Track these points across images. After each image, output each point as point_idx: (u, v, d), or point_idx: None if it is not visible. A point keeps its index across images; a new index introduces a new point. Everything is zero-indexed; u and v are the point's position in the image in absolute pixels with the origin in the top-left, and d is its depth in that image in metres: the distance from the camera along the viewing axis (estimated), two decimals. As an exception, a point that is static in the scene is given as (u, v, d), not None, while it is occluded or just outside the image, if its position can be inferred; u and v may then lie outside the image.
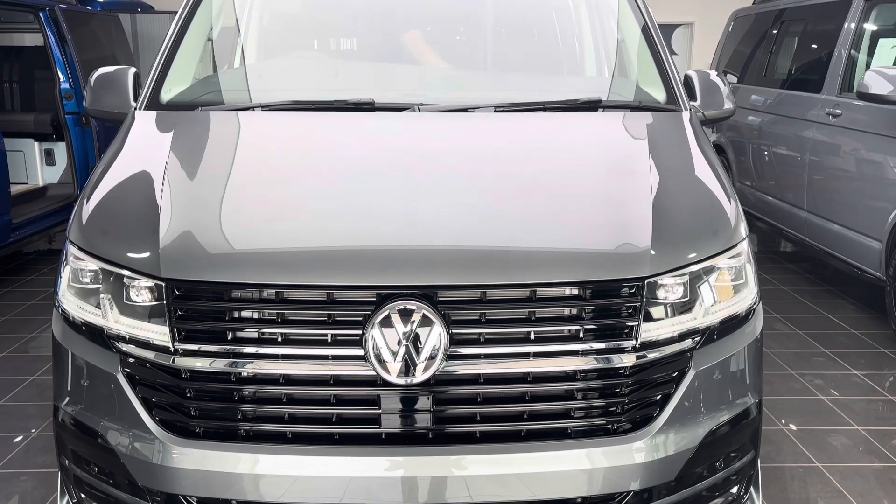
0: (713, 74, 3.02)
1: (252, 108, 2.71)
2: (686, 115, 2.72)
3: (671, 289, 1.98)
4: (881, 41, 5.04)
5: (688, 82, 2.98)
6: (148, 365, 1.95)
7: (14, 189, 5.76)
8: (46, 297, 5.37)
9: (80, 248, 2.08)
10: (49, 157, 6.65)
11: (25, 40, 7.36)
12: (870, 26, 5.17)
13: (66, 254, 2.14)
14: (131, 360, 1.97)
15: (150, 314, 1.94)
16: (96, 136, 6.41)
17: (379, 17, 3.33)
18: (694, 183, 2.36)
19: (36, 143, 6.54)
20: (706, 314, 2.03)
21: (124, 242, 2.05)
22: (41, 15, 6.06)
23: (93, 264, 2.03)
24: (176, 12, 3.00)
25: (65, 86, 6.19)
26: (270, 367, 1.90)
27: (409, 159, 2.37)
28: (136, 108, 2.72)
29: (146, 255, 1.96)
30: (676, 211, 2.16)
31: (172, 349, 1.92)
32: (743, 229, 2.20)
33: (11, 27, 7.22)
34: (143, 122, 2.63)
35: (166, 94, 2.75)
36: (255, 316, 1.91)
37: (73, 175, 6.29)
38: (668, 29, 13.86)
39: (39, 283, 5.72)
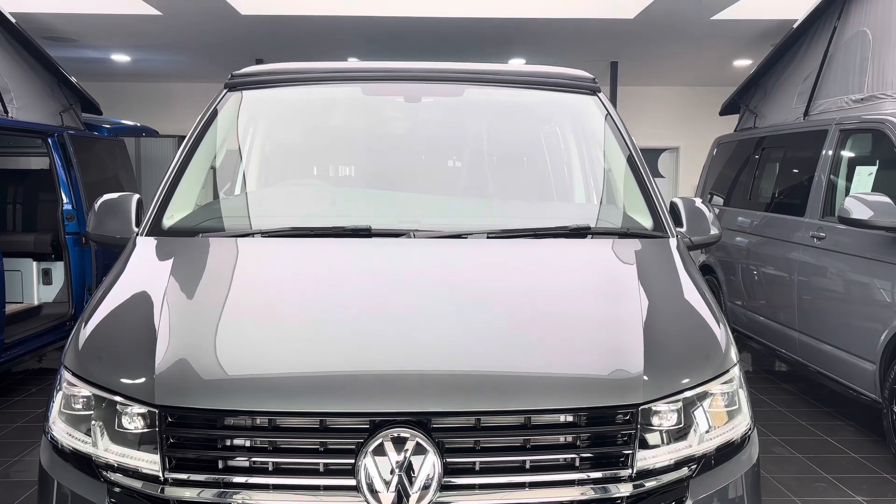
0: (698, 202, 3.12)
1: (252, 234, 2.77)
2: (673, 242, 2.79)
3: (665, 415, 1.98)
4: (858, 168, 5.24)
5: (674, 209, 3.07)
6: (136, 495, 1.91)
7: (8, 308, 5.77)
8: (33, 419, 5.27)
9: (73, 374, 2.08)
10: (46, 277, 6.70)
11: (31, 164, 7.58)
12: (846, 153, 5.39)
13: (59, 379, 2.13)
14: (118, 489, 1.93)
15: (141, 441, 1.92)
16: (95, 256, 6.49)
17: (376, 146, 3.47)
18: (683, 308, 2.40)
19: (34, 263, 6.61)
20: (701, 441, 2.02)
21: (119, 368, 2.05)
22: (49, 140, 6.27)
23: (86, 390, 2.02)
24: (178, 136, 3.13)
25: (67, 207, 6.33)
26: (260, 498, 1.86)
27: (404, 285, 2.42)
28: (137, 234, 2.78)
29: (141, 381, 1.96)
30: (667, 337, 2.19)
31: (162, 478, 1.88)
32: (734, 354, 2.22)
33: (19, 151, 7.45)
34: (144, 249, 2.68)
35: (168, 221, 2.82)
36: (247, 444, 1.89)
37: (69, 294, 6.32)
38: (654, 153, 14.39)
39: (26, 405, 5.62)
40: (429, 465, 1.82)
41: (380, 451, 1.82)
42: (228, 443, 1.90)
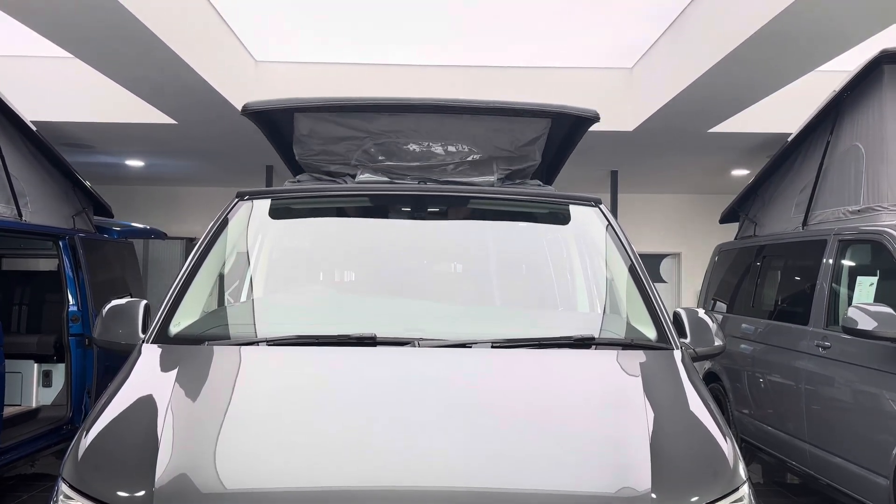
0: (701, 312, 3.14)
1: (257, 342, 2.79)
2: (678, 354, 2.79)
3: (675, 536, 1.93)
4: (859, 278, 5.28)
5: (678, 320, 3.09)
6: None
7: (6, 411, 5.69)
8: (21, 527, 5.11)
9: (71, 487, 2.05)
10: (46, 378, 6.65)
11: (40, 265, 7.66)
12: (846, 263, 5.45)
13: (56, 491, 2.10)
14: None
15: None
16: (97, 358, 6.46)
17: (382, 255, 3.54)
18: (690, 423, 2.37)
19: (35, 365, 6.57)
20: (712, 561, 1.96)
21: (118, 481, 2.02)
22: (60, 242, 6.37)
23: (82, 504, 1.99)
24: (186, 238, 3.20)
25: (73, 308, 6.36)
26: None
27: (407, 398, 2.40)
28: (143, 342, 2.80)
29: (140, 494, 1.93)
30: (675, 453, 2.16)
31: None
32: (742, 471, 2.19)
33: (28, 253, 7.56)
34: (149, 357, 2.69)
35: (175, 328, 2.84)
36: None
37: (68, 397, 6.25)
38: (656, 258, 14.52)
39: (16, 512, 5.47)
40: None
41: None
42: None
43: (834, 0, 5.41)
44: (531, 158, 4.01)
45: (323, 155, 3.96)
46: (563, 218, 3.66)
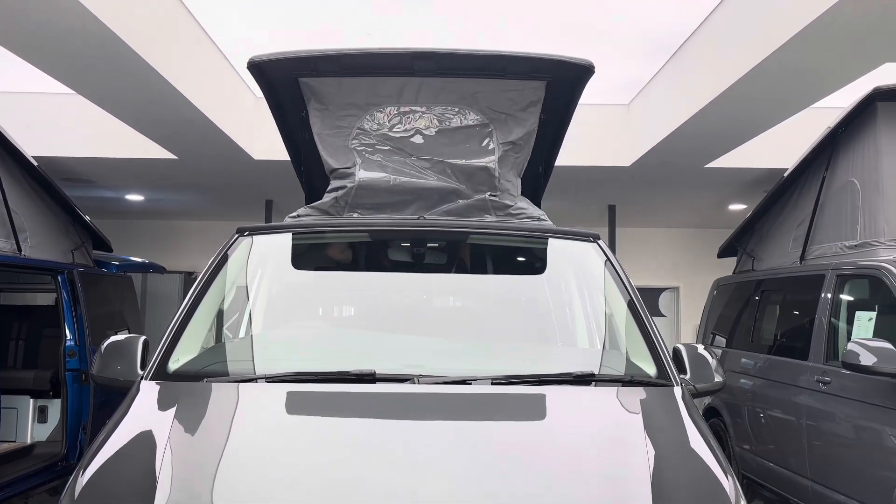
0: (700, 348, 3.14)
1: (255, 379, 2.78)
2: (678, 391, 2.78)
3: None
4: (858, 313, 5.29)
5: (677, 356, 3.09)
6: None
7: (0, 447, 5.64)
8: (14, 567, 5.02)
9: None
10: (42, 414, 6.60)
11: (38, 299, 7.66)
12: (845, 297, 5.45)
13: None
14: None
15: None
16: (93, 393, 6.42)
17: (381, 289, 3.54)
18: (691, 461, 2.36)
19: (31, 400, 6.53)
20: None
21: None
22: (59, 277, 6.37)
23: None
24: (184, 273, 3.20)
25: (70, 343, 6.33)
26: None
27: (407, 436, 2.39)
28: (142, 378, 2.78)
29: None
30: (676, 490, 2.14)
31: None
32: (744, 510, 2.17)
33: (26, 287, 7.55)
34: (148, 394, 2.68)
35: (173, 364, 2.83)
36: None
37: (63, 433, 6.20)
38: (655, 292, 14.52)
39: (8, 552, 5.38)
40: None
41: None
42: None
43: (827, 40, 5.50)
44: (530, 124, 4.01)
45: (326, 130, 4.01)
46: (561, 253, 3.68)
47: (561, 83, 3.95)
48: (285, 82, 3.97)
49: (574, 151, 9.06)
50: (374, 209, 3.89)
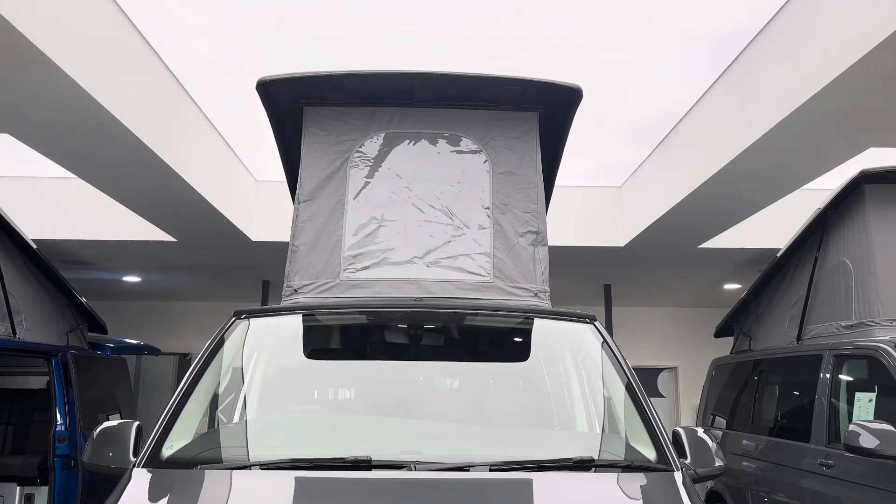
0: (700, 432, 3.11)
1: (249, 466, 2.73)
2: (678, 476, 2.74)
3: None
4: (858, 394, 5.25)
5: (677, 439, 3.05)
6: None
7: (-16, 538, 5.48)
8: None
9: None
10: (28, 502, 6.42)
11: (29, 383, 7.56)
12: (844, 377, 5.42)
13: None
14: None
15: None
16: (81, 480, 6.27)
17: (378, 373, 3.52)
18: (695, 550, 2.31)
19: (18, 488, 6.37)
20: None
21: None
22: (52, 360, 6.32)
23: None
24: (178, 354, 3.19)
25: (60, 428, 6.22)
26: None
27: None
28: (133, 466, 2.73)
29: None
30: None
31: None
32: None
33: (18, 370, 7.47)
34: (139, 482, 2.62)
35: (167, 451, 2.78)
36: None
37: (50, 522, 6.03)
38: (653, 372, 14.41)
39: None
40: None
41: None
42: None
43: (812, 126, 5.66)
44: (528, 151, 4.15)
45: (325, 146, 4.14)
46: (558, 335, 3.68)
47: (553, 106, 4.18)
48: (288, 107, 4.22)
49: (569, 232, 9.19)
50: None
